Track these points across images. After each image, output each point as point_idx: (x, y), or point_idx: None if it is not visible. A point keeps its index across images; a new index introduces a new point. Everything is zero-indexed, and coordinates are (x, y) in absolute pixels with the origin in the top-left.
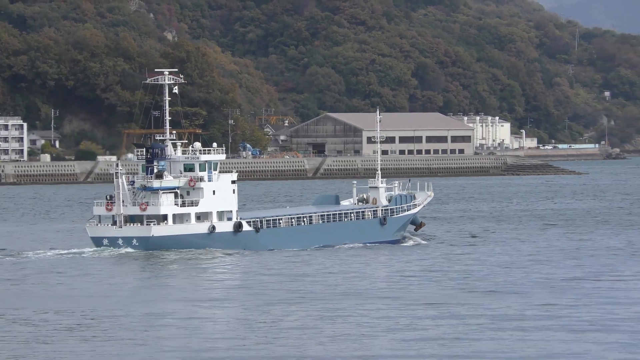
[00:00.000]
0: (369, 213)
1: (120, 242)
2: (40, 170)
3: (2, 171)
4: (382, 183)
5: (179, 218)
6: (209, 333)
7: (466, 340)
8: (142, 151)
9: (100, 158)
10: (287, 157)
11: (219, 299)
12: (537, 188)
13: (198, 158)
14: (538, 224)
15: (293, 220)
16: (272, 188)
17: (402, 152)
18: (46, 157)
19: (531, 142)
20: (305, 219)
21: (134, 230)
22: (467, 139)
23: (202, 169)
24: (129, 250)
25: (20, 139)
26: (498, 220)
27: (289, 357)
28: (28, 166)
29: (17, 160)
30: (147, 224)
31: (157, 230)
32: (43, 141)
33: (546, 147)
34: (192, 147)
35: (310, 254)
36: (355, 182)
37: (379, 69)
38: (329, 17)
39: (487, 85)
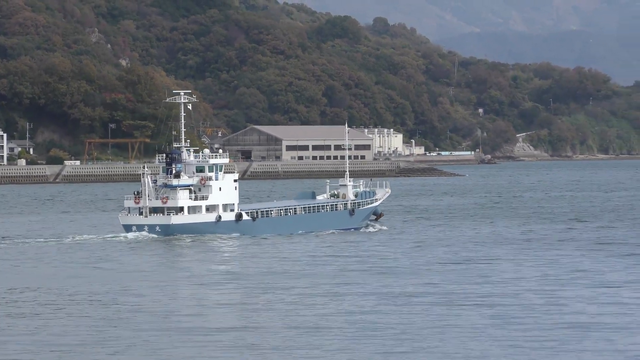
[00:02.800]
0: (341, 206)
1: (146, 229)
2: (17, 173)
3: None
4: (349, 181)
5: (192, 209)
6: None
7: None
8: (163, 156)
9: (66, 162)
10: None
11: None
12: (420, 187)
13: (207, 161)
14: (421, 216)
15: (282, 211)
16: None
17: (314, 157)
18: (22, 162)
19: (419, 150)
20: (291, 210)
21: (157, 219)
22: (367, 147)
23: (210, 170)
24: (153, 235)
25: (1, 147)
26: (390, 213)
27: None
28: (7, 169)
29: None
30: (167, 214)
31: (176, 219)
32: (20, 149)
33: (432, 153)
34: (202, 153)
35: (292, 239)
36: (329, 181)
37: (295, 89)
38: (254, 47)
39: (384, 104)
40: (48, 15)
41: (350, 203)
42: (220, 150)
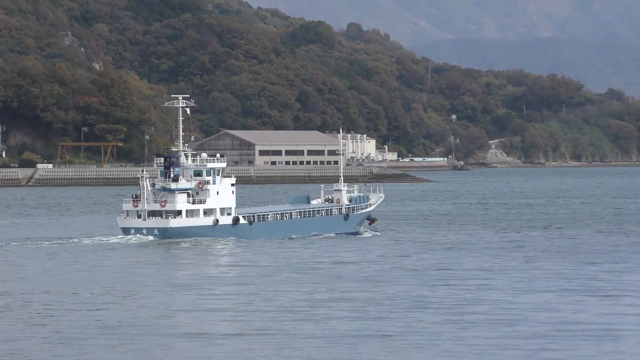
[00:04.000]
0: (336, 210)
1: (144, 231)
2: None
3: None
4: (344, 186)
5: (190, 213)
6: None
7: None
8: (162, 160)
9: (39, 166)
10: None
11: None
12: (401, 194)
13: (205, 166)
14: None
15: (278, 215)
16: None
17: (287, 162)
18: None
19: (392, 156)
20: (287, 214)
21: (155, 222)
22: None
23: (208, 174)
24: (151, 238)
25: None
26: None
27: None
28: None
29: None
30: (165, 218)
31: (174, 223)
32: None
33: (404, 159)
34: (200, 156)
35: (286, 244)
36: (323, 185)
37: (268, 94)
38: (228, 52)
39: (357, 109)
40: (21, 17)
41: (345, 208)
42: (218, 155)
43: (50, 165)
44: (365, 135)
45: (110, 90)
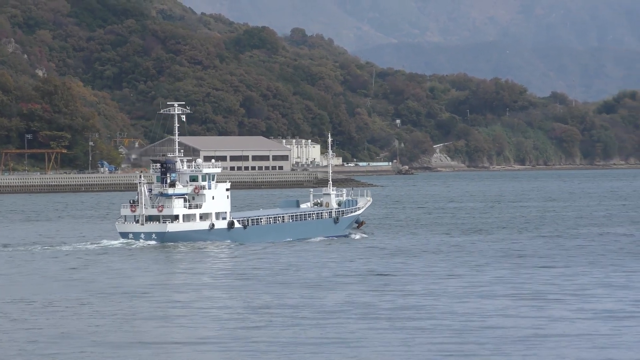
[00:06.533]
0: (326, 214)
1: (142, 236)
2: None
3: None
4: (333, 190)
5: (187, 217)
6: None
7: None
8: (158, 166)
9: None
10: (138, 172)
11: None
12: None
13: (201, 171)
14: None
15: (271, 219)
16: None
17: (232, 168)
18: None
19: (337, 161)
20: (279, 218)
21: (153, 227)
22: (285, 157)
23: (204, 179)
24: (149, 242)
25: None
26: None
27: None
28: None
29: None
30: (163, 222)
31: (171, 227)
32: None
33: (349, 164)
34: (195, 162)
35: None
36: (312, 189)
37: (213, 100)
38: (172, 57)
39: (302, 114)
40: None
41: (335, 211)
42: (213, 160)
43: None
44: (310, 141)
45: (53, 97)
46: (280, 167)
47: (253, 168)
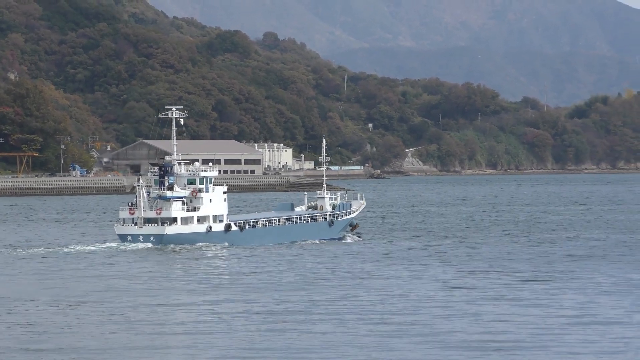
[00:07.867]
0: (321, 217)
1: (140, 238)
2: None
3: None
4: (327, 194)
5: (184, 220)
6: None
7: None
8: (156, 169)
9: None
10: (109, 176)
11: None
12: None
13: (198, 174)
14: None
15: (267, 222)
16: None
17: None
18: None
19: (309, 165)
20: (275, 221)
21: (151, 230)
22: (257, 161)
23: (201, 182)
24: (148, 245)
25: None
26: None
27: None
28: None
29: None
30: (161, 225)
31: (169, 230)
32: None
33: (321, 168)
34: (193, 165)
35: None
36: (307, 193)
37: (185, 104)
38: (144, 61)
39: (274, 118)
40: None
41: (330, 214)
42: (210, 163)
43: None
44: (282, 145)
45: (25, 100)
46: (252, 171)
47: (225, 172)
